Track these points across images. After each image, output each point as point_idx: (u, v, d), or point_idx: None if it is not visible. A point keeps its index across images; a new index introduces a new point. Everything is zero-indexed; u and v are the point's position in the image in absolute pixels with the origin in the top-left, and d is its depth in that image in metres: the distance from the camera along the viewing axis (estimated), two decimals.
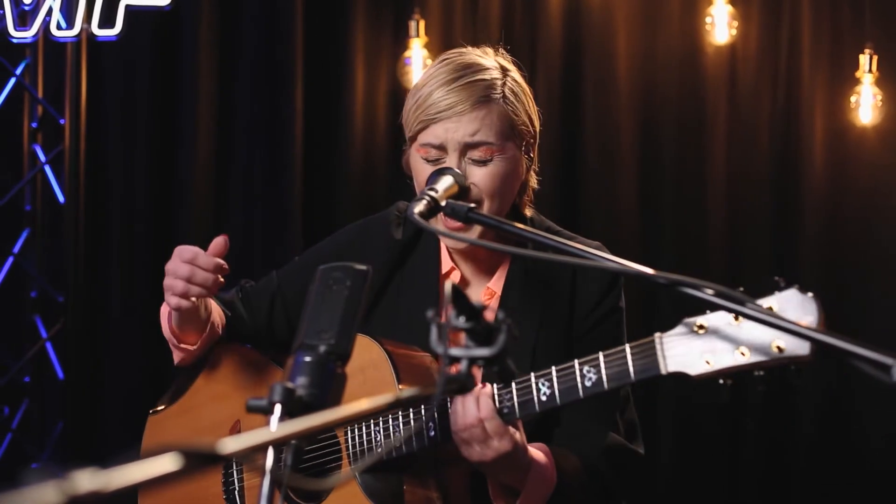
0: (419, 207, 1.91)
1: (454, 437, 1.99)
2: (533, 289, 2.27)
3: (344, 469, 2.14)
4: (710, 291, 1.57)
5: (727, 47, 4.99)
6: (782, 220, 5.01)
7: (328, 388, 1.53)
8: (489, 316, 1.51)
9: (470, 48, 2.31)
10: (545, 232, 2.26)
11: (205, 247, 2.17)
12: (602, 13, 5.06)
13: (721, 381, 1.73)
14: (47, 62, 4.91)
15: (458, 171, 2.14)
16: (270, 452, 1.43)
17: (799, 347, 1.65)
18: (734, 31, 4.91)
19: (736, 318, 1.70)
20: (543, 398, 1.92)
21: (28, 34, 4.70)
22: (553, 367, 1.93)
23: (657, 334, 1.81)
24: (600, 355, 1.88)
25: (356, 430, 2.14)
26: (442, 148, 2.19)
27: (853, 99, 4.88)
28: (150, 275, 4.85)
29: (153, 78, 4.97)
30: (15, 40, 4.72)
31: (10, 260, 4.84)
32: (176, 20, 4.92)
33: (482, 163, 2.19)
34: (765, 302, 1.64)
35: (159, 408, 2.48)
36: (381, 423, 2.10)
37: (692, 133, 5.07)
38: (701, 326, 1.74)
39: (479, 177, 2.19)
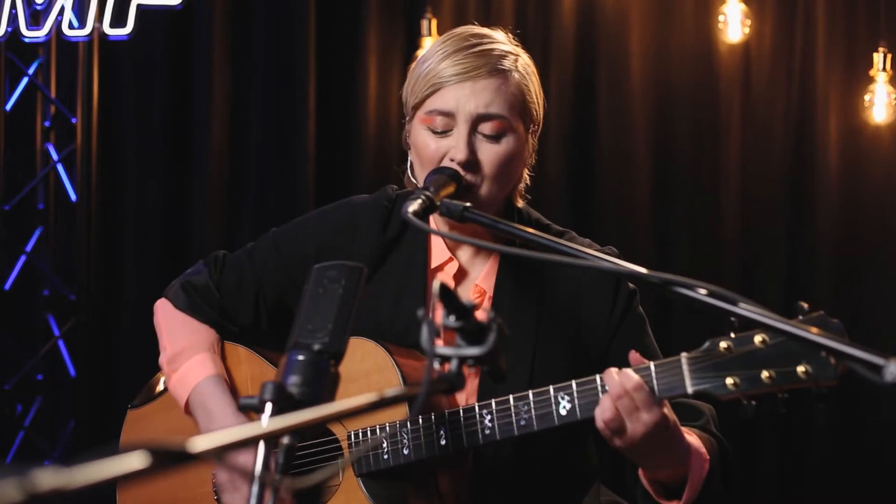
0: (414, 207, 1.88)
1: (600, 430, 1.85)
2: (527, 282, 2.19)
3: (346, 479, 2.10)
4: (703, 291, 1.55)
5: (741, 45, 4.97)
6: (796, 218, 4.99)
7: (321, 386, 1.52)
8: (481, 315, 1.49)
9: (479, 26, 2.23)
10: (533, 226, 2.22)
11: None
12: (615, 12, 5.05)
13: (745, 402, 1.74)
14: (60, 61, 4.93)
15: (455, 169, 2.06)
16: (261, 452, 1.43)
17: (824, 374, 1.68)
18: (747, 30, 4.89)
19: (762, 342, 1.71)
20: (563, 412, 1.90)
21: (40, 34, 4.72)
22: (573, 382, 1.90)
23: (683, 354, 1.80)
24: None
25: (360, 435, 2.09)
26: (451, 116, 2.07)
27: (867, 97, 4.86)
28: (162, 272, 4.85)
29: (165, 77, 4.98)
30: (27, 40, 4.74)
31: (23, 258, 4.86)
32: (188, 19, 4.93)
33: (493, 138, 2.08)
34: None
35: (139, 402, 2.39)
36: (387, 429, 2.05)
37: (706, 131, 5.05)
38: (728, 348, 1.75)
39: (487, 154, 2.08)
